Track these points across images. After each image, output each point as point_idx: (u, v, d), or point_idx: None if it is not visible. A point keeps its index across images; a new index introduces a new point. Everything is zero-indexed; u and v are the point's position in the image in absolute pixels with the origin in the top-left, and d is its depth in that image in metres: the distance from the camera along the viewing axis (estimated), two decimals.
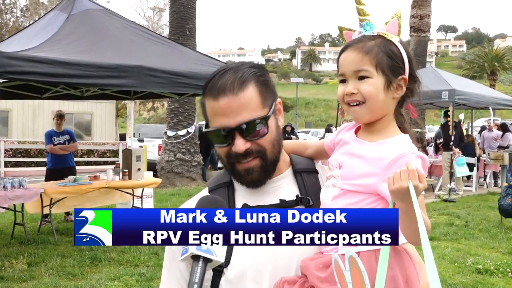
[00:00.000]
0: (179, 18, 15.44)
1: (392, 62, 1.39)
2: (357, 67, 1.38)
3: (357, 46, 1.39)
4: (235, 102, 1.38)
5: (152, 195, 10.11)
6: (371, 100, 1.37)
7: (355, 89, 1.37)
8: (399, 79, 1.40)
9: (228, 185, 1.54)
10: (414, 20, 18.56)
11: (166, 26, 34.77)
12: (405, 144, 1.38)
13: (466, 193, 14.27)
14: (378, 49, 1.38)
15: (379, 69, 1.37)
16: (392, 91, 1.40)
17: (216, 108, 1.40)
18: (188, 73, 7.41)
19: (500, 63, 48.61)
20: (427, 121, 22.28)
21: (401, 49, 1.41)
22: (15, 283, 5.92)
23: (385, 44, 1.39)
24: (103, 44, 7.32)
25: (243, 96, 1.39)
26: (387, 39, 1.40)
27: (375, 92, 1.37)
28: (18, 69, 5.90)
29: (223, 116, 1.39)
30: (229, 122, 1.39)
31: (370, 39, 1.40)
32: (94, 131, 27.15)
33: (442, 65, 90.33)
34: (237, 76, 1.41)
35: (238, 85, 1.40)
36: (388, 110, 1.42)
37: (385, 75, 1.38)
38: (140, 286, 5.82)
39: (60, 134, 9.53)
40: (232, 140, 1.40)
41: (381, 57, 1.37)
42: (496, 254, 7.47)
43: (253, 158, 1.43)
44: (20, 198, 7.38)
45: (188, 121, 15.62)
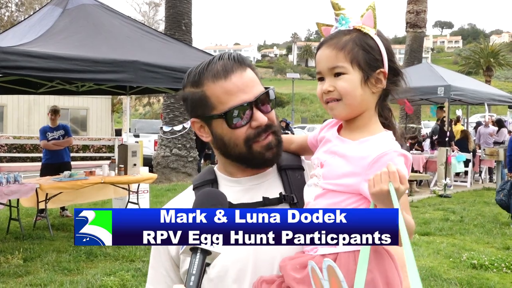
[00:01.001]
0: (175, 13, 15.39)
1: (369, 56, 1.34)
2: (332, 64, 1.34)
3: (332, 42, 1.35)
4: (246, 77, 1.41)
5: (148, 190, 10.11)
6: (348, 96, 1.33)
7: (332, 87, 1.34)
8: (377, 73, 1.36)
9: (212, 182, 1.54)
10: (410, 15, 18.59)
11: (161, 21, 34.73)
12: (388, 142, 1.33)
13: (461, 188, 14.32)
14: (353, 43, 1.34)
15: (354, 64, 1.33)
16: (370, 86, 1.35)
17: (230, 87, 1.39)
18: (184, 68, 7.39)
19: (495, 59, 48.74)
20: (423, 117, 22.31)
21: (378, 42, 1.36)
22: (11, 278, 5.92)
23: (361, 38, 1.35)
24: (99, 39, 7.29)
25: (249, 71, 1.44)
26: (364, 32, 1.36)
27: (351, 88, 1.33)
28: (13, 64, 5.88)
29: (239, 91, 1.40)
30: (248, 97, 1.40)
31: (345, 34, 1.36)
32: (90, 127, 27.11)
33: (438, 61, 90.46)
34: (234, 58, 1.43)
35: (240, 63, 1.42)
36: (368, 105, 1.38)
37: (362, 70, 1.34)
38: (136, 281, 5.82)
39: (54, 129, 9.50)
40: (251, 115, 1.41)
41: (356, 52, 1.33)
42: (491, 249, 7.51)
43: (269, 133, 1.44)
44: (15, 194, 7.37)
45: (184, 116, 15.59)
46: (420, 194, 13.05)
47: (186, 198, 1.57)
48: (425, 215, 10.13)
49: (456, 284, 5.89)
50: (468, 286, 5.84)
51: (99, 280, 5.79)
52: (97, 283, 5.72)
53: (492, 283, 5.92)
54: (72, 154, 19.25)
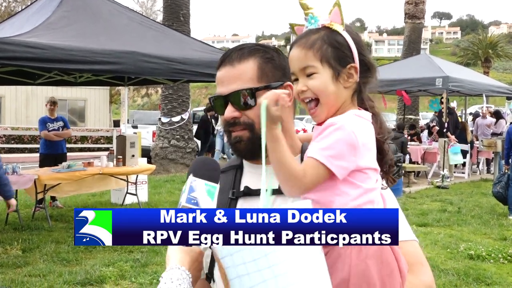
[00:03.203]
0: (173, 4, 15.31)
1: (338, 52, 1.36)
2: (302, 64, 1.36)
3: (301, 42, 1.37)
4: (231, 72, 1.48)
5: (146, 181, 10.12)
6: (321, 95, 1.35)
7: (305, 86, 1.36)
8: (348, 68, 1.36)
9: (237, 167, 1.59)
10: (408, 6, 18.55)
11: (159, 12, 34.53)
12: (345, 116, 1.33)
13: (459, 179, 14.36)
14: (321, 41, 1.35)
15: (324, 62, 1.35)
16: (342, 82, 1.36)
17: (217, 77, 1.52)
18: (182, 59, 7.38)
19: (494, 50, 48.62)
20: (421, 108, 22.33)
21: (346, 38, 1.37)
22: (10, 269, 5.93)
23: (329, 35, 1.36)
24: (97, 29, 7.26)
25: (239, 67, 1.47)
26: (332, 29, 1.37)
27: (323, 86, 1.34)
28: (11, 54, 5.85)
29: (220, 84, 1.50)
30: (223, 90, 1.49)
31: (314, 32, 1.37)
32: (88, 118, 27.08)
33: (436, 52, 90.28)
34: (243, 49, 1.50)
35: (238, 57, 1.48)
36: (343, 99, 1.38)
37: (331, 67, 1.35)
38: (135, 272, 5.84)
39: (54, 120, 9.51)
40: (225, 108, 1.49)
41: (325, 49, 1.34)
42: (488, 240, 7.55)
43: (242, 129, 1.48)
44: (14, 185, 7.34)
45: (182, 107, 15.57)
46: (418, 185, 13.08)
47: None
48: (422, 206, 10.17)
49: (453, 275, 5.92)
50: (465, 276, 5.87)
51: (97, 271, 5.81)
52: (95, 273, 5.73)
53: (489, 274, 5.95)
54: (70, 145, 19.29)
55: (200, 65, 7.48)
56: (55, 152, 9.43)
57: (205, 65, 7.46)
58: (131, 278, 5.67)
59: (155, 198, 10.59)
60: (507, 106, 18.17)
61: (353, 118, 1.31)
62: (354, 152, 1.25)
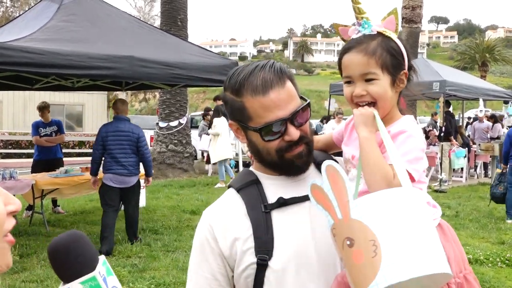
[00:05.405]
0: (171, 9, 15.34)
1: (395, 59, 1.44)
2: (363, 70, 1.42)
3: (361, 48, 1.43)
4: (283, 93, 1.46)
5: (144, 186, 10.09)
6: (381, 100, 1.43)
7: (364, 91, 1.43)
8: (401, 74, 1.46)
9: (255, 182, 1.57)
10: (406, 11, 18.56)
11: (157, 17, 34.60)
12: (408, 123, 1.45)
13: (457, 183, 14.37)
14: (381, 49, 1.42)
15: (384, 69, 1.43)
16: (396, 87, 1.47)
17: (268, 103, 1.44)
18: (180, 64, 7.37)
19: (491, 54, 48.70)
20: (418, 112, 22.32)
21: (400, 45, 1.46)
22: (7, 274, 5.90)
23: (386, 42, 1.44)
24: (95, 34, 7.25)
25: (287, 87, 1.47)
26: (386, 36, 1.44)
27: (383, 92, 1.43)
28: (8, 59, 5.84)
29: (276, 108, 1.45)
30: (283, 113, 1.45)
31: (371, 38, 1.44)
32: (86, 122, 27.03)
33: (433, 56, 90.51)
34: (274, 71, 1.47)
35: (280, 78, 1.47)
36: (394, 102, 1.49)
37: (390, 74, 1.44)
38: (133, 277, 5.83)
39: (47, 125, 9.42)
40: (285, 130, 1.46)
41: (385, 57, 1.42)
42: (486, 244, 7.55)
43: (301, 144, 1.50)
44: (11, 190, 7.34)
45: (180, 112, 15.57)
46: None
47: (232, 201, 1.57)
48: None
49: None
50: None
51: None
52: None
53: (487, 278, 5.95)
54: (68, 150, 19.28)
55: (198, 69, 7.48)
56: (47, 157, 9.33)
57: (202, 70, 7.47)
58: (128, 284, 5.65)
59: (153, 202, 10.58)
60: (504, 109, 18.22)
61: (415, 125, 1.45)
62: (423, 155, 1.41)
